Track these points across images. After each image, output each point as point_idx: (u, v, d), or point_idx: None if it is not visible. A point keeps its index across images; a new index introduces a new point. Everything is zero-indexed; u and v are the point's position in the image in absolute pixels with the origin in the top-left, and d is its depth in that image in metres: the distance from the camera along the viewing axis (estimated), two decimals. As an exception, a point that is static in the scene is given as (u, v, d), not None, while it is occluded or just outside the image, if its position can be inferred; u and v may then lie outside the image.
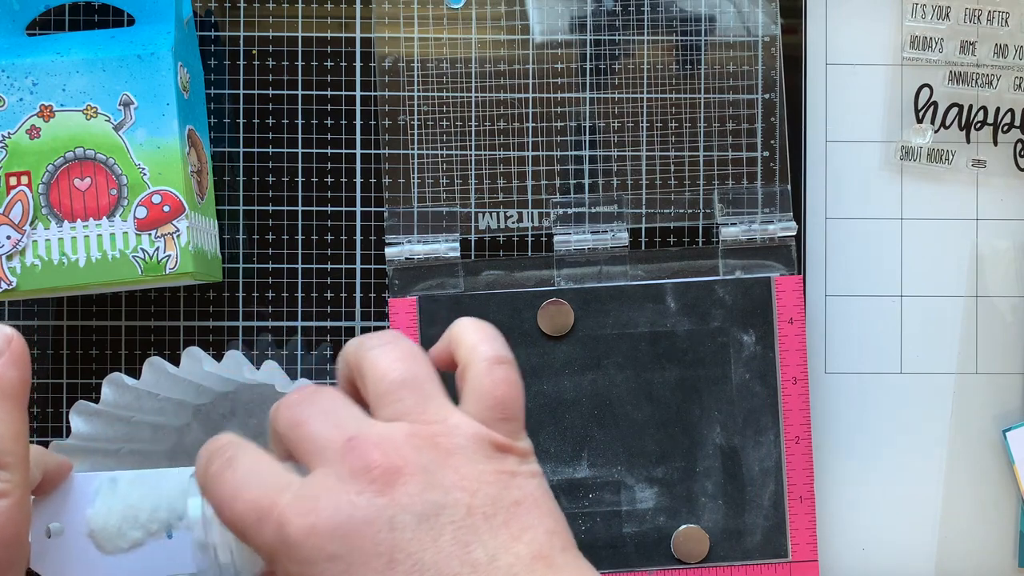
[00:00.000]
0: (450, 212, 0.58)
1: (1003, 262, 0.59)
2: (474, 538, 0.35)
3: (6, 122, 0.52)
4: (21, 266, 0.52)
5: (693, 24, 0.58)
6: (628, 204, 0.58)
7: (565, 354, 0.57)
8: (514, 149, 0.58)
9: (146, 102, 0.52)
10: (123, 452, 0.54)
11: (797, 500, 0.57)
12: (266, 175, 0.59)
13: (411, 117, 0.58)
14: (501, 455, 0.38)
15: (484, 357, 0.39)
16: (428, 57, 0.58)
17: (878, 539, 0.59)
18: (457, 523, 0.36)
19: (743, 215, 0.58)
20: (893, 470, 0.59)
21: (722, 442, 0.57)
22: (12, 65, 0.52)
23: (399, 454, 0.36)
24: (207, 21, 0.59)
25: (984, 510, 0.59)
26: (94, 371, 0.58)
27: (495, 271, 0.57)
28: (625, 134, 0.58)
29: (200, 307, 0.58)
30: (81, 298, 0.58)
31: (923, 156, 0.59)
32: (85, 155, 0.52)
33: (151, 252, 0.52)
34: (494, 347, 0.40)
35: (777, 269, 0.57)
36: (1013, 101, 0.59)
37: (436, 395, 0.38)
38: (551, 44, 0.58)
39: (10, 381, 0.39)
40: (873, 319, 0.59)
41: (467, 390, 0.39)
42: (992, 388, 0.59)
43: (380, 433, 0.37)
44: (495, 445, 0.38)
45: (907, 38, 0.59)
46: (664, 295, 0.57)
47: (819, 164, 0.59)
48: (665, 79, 0.58)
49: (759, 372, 0.57)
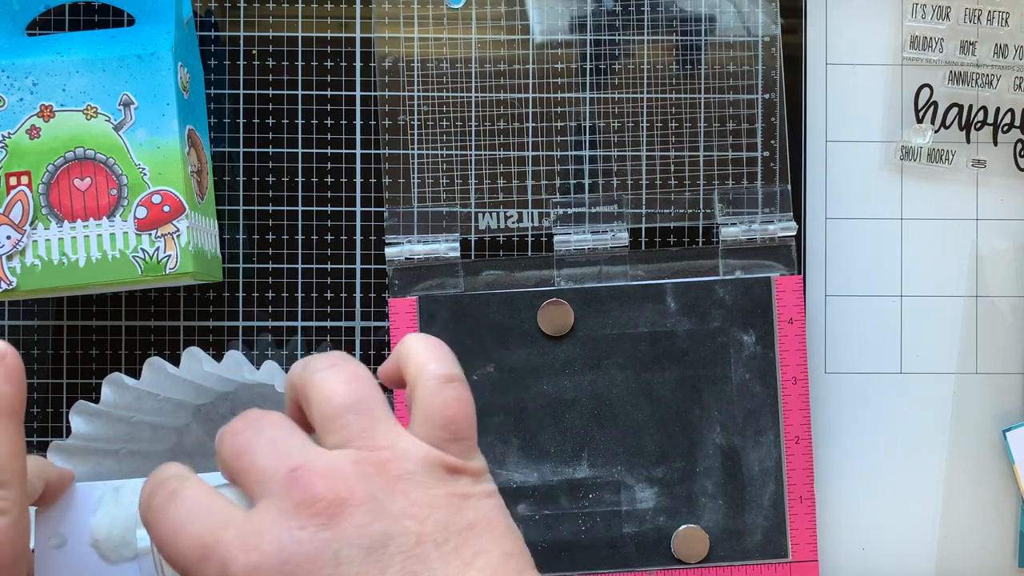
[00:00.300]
0: (450, 212, 0.58)
1: (1003, 262, 0.59)
2: (423, 568, 0.35)
3: (6, 122, 0.52)
4: (21, 266, 0.52)
5: (693, 24, 0.58)
6: (628, 204, 0.58)
7: (565, 354, 0.57)
8: (514, 149, 0.58)
9: (146, 102, 0.52)
10: (123, 452, 0.54)
11: (797, 500, 0.57)
12: (266, 175, 0.59)
13: (411, 117, 0.58)
14: (453, 477, 0.37)
15: (433, 375, 0.38)
16: (428, 57, 0.58)
17: (878, 539, 0.59)
18: (406, 553, 0.35)
19: (743, 215, 0.58)
20: (893, 470, 0.59)
21: (722, 442, 0.57)
22: (12, 65, 0.52)
23: (345, 484, 0.35)
24: (207, 21, 0.59)
25: (984, 510, 0.59)
26: (94, 371, 0.58)
27: (495, 271, 0.57)
28: (625, 134, 0.58)
29: (200, 307, 0.58)
30: (81, 298, 0.58)
31: (923, 156, 0.59)
32: (85, 155, 0.52)
33: (151, 252, 0.52)
34: (444, 365, 0.39)
35: (777, 269, 0.57)
36: (1013, 101, 0.59)
37: (384, 418, 0.37)
38: (551, 44, 0.58)
39: (4, 397, 0.38)
40: (873, 319, 0.59)
41: (416, 410, 0.38)
42: (992, 388, 0.59)
43: (325, 462, 0.36)
44: (447, 467, 0.37)
45: (907, 38, 0.59)
46: (664, 295, 0.57)
47: (819, 164, 0.59)
48: (665, 79, 0.58)
49: (759, 372, 0.57)
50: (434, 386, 0.38)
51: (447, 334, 0.56)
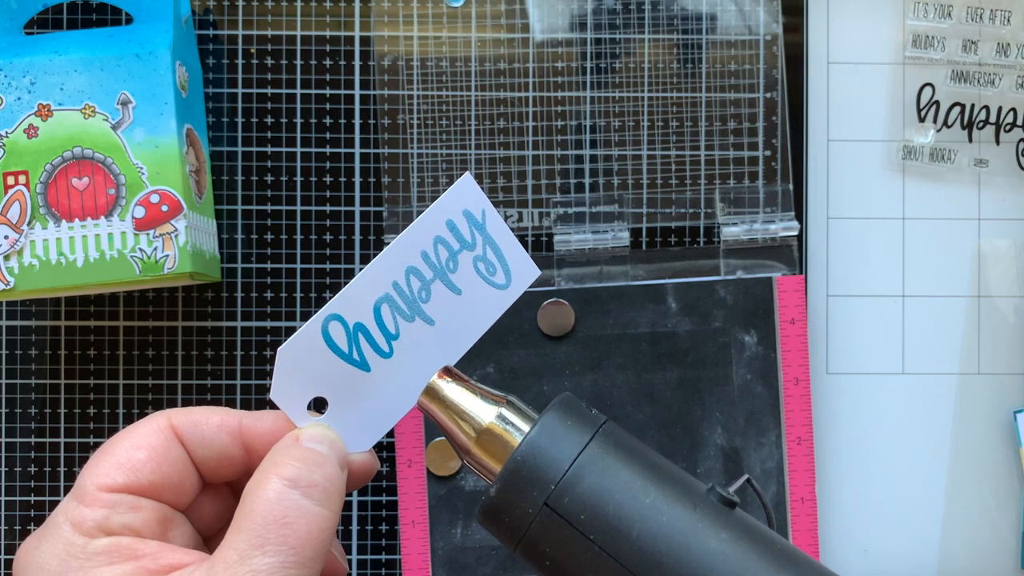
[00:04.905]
0: (450, 212, 0.58)
1: (1005, 262, 0.59)
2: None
3: (4, 121, 0.52)
4: (19, 266, 0.52)
5: (694, 22, 0.58)
6: (629, 204, 0.58)
7: (565, 354, 0.57)
8: (514, 149, 0.58)
9: (144, 101, 0.52)
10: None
11: (799, 501, 0.57)
12: (265, 174, 0.58)
13: (411, 116, 0.58)
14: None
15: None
16: (428, 56, 0.58)
17: (880, 540, 0.59)
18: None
19: (744, 215, 0.57)
20: (895, 471, 0.59)
21: (723, 443, 0.57)
22: (10, 64, 0.52)
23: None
24: (205, 20, 0.58)
25: (987, 511, 0.59)
26: (92, 371, 0.58)
27: (495, 271, 0.57)
28: (626, 133, 0.58)
29: (199, 307, 0.58)
30: (79, 298, 0.58)
31: (925, 155, 0.59)
32: (83, 154, 0.52)
33: (149, 252, 0.52)
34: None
35: (779, 269, 0.57)
36: (1015, 100, 0.58)
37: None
38: (551, 43, 0.58)
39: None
40: (875, 319, 0.59)
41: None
42: (994, 388, 0.59)
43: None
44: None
45: (909, 37, 0.58)
46: (665, 295, 0.57)
47: (821, 163, 0.59)
48: (666, 78, 0.58)
49: (760, 373, 0.57)
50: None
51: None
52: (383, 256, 0.43)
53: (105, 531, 0.40)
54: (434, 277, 0.43)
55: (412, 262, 0.43)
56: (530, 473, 0.40)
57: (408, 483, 0.57)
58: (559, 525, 0.39)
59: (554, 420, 0.41)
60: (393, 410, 0.44)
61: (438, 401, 0.43)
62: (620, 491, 0.39)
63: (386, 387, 0.43)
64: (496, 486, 0.40)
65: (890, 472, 0.59)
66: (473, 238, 0.44)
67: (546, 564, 0.40)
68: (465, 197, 0.44)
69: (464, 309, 0.44)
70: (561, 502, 0.39)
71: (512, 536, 0.40)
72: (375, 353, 0.43)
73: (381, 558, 0.58)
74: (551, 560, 0.40)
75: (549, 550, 0.39)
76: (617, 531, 0.39)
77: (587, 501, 0.39)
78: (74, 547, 0.39)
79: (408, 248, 0.43)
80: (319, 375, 0.42)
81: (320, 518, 0.39)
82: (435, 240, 0.43)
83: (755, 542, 0.39)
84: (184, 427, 0.42)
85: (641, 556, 0.38)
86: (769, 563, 0.39)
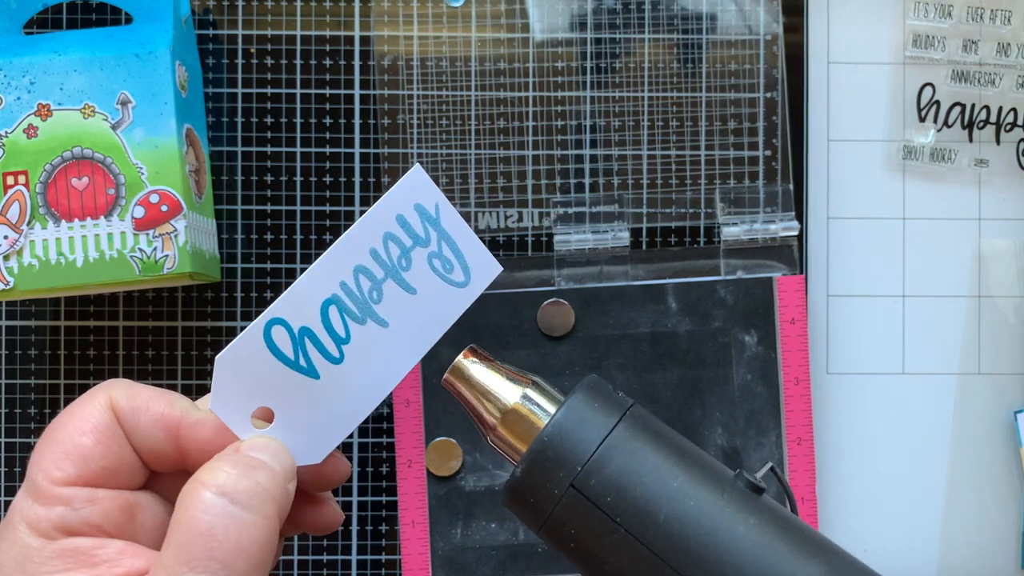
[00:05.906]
0: (450, 212, 0.58)
1: (1005, 262, 0.59)
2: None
3: (3, 121, 0.52)
4: (19, 266, 0.52)
5: (694, 22, 0.58)
6: (629, 203, 0.58)
7: (565, 354, 0.57)
8: (514, 148, 0.58)
9: (144, 101, 0.52)
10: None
11: (799, 501, 0.57)
12: (265, 174, 0.58)
13: (410, 116, 0.58)
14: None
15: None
16: (428, 56, 0.58)
17: (880, 540, 0.59)
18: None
19: (744, 215, 0.57)
20: (895, 471, 0.59)
21: (724, 443, 0.57)
22: (9, 64, 0.52)
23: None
24: (205, 19, 0.58)
25: (987, 511, 0.59)
26: (92, 372, 0.58)
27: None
28: (626, 133, 0.58)
29: (198, 307, 0.58)
30: (79, 298, 0.58)
31: (925, 155, 0.59)
32: (83, 154, 0.52)
33: (149, 252, 0.52)
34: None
35: (779, 269, 0.57)
36: (1016, 100, 0.58)
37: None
38: (551, 42, 0.58)
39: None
40: (875, 319, 0.59)
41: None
42: (994, 388, 0.59)
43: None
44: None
45: (909, 37, 0.58)
46: (665, 295, 0.57)
47: (821, 163, 0.59)
48: (666, 78, 0.58)
49: (761, 373, 0.57)
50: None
51: (447, 334, 0.56)
52: (328, 255, 0.41)
53: (63, 530, 0.38)
54: (385, 276, 0.41)
55: (360, 260, 0.41)
56: (557, 454, 0.39)
57: (408, 483, 0.57)
58: (585, 507, 0.39)
59: (581, 402, 0.41)
60: (347, 418, 0.41)
61: (464, 380, 0.42)
62: (647, 474, 0.39)
63: (338, 395, 0.41)
64: (522, 466, 0.40)
65: (890, 472, 0.59)
66: (427, 234, 0.42)
67: (571, 546, 0.40)
68: (416, 190, 0.41)
69: (420, 309, 0.42)
70: (587, 484, 0.39)
71: (537, 517, 0.40)
72: (324, 359, 0.41)
73: (381, 558, 0.58)
74: (576, 542, 0.39)
75: (574, 532, 0.39)
76: (644, 514, 0.39)
77: (614, 483, 0.39)
78: (30, 550, 0.37)
79: (355, 246, 0.41)
80: (263, 384, 0.40)
81: (252, 526, 0.36)
82: (385, 237, 0.41)
83: (783, 528, 0.39)
84: (124, 410, 0.40)
85: (668, 540, 0.38)
86: (797, 550, 0.38)
